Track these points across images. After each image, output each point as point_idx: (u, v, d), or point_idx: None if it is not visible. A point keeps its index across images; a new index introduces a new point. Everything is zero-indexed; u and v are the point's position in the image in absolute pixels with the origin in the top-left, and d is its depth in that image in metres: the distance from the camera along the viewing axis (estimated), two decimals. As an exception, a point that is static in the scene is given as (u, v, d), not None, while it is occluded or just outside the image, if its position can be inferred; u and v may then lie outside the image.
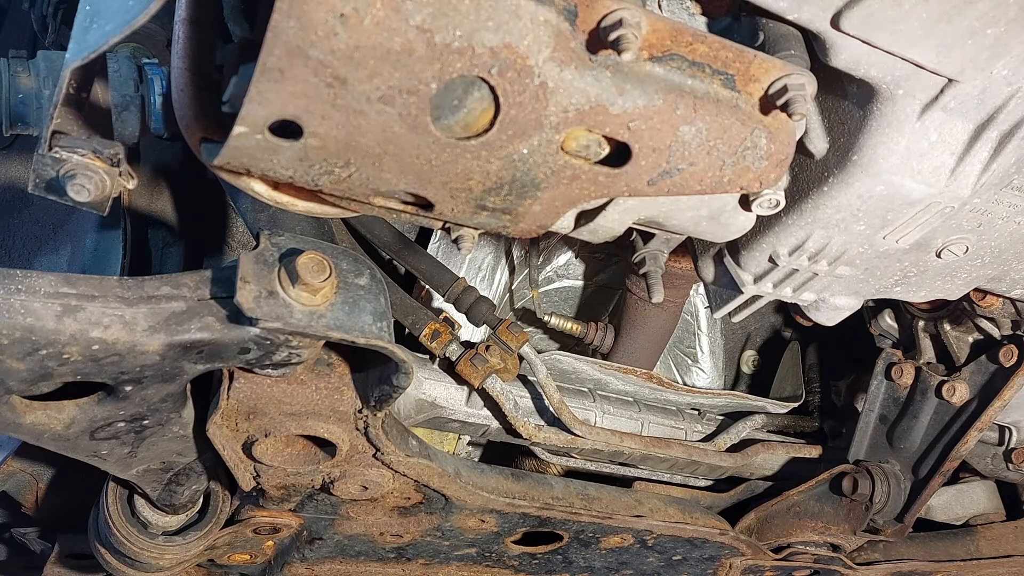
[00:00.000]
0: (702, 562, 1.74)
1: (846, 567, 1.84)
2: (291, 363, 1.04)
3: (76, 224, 1.77)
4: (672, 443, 1.65)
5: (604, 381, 1.69)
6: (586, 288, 2.09)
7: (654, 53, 0.82)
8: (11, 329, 0.86)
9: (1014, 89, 0.96)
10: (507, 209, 0.88)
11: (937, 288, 1.30)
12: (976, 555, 1.92)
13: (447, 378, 1.53)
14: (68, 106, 0.95)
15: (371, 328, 1.00)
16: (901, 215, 1.10)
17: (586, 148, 0.84)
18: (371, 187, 0.83)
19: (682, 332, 2.09)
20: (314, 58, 0.69)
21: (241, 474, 1.16)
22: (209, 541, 1.26)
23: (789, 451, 1.80)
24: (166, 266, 1.63)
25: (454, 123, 0.78)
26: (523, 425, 1.51)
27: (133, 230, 1.58)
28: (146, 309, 0.93)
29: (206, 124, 0.81)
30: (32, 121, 1.06)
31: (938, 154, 1.03)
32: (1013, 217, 1.16)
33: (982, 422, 1.58)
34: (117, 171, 0.96)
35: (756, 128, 0.88)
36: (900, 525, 1.74)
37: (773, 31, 0.92)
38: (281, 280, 0.95)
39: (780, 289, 1.26)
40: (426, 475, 1.30)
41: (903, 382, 1.70)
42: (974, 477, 2.00)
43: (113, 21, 0.79)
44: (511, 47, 0.74)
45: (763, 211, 1.06)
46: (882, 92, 0.97)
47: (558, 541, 1.57)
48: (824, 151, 1.08)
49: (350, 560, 1.47)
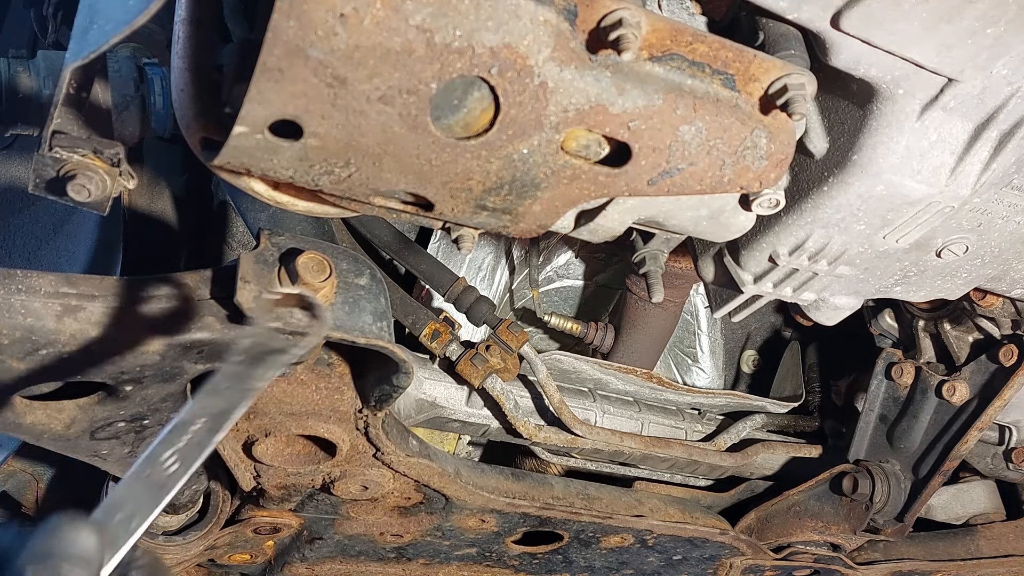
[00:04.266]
0: (702, 562, 1.74)
1: (846, 567, 1.84)
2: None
3: (76, 224, 1.77)
4: (672, 443, 1.65)
5: (604, 381, 1.69)
6: (586, 288, 2.09)
7: (654, 53, 0.82)
8: (11, 329, 0.86)
9: (1014, 89, 0.96)
10: (507, 209, 0.88)
11: (937, 288, 1.30)
12: (976, 555, 1.92)
13: (447, 378, 1.53)
14: (68, 106, 0.95)
15: (371, 328, 1.00)
16: (901, 215, 1.09)
17: (586, 148, 0.84)
18: (371, 187, 0.83)
19: (682, 332, 2.09)
20: (314, 58, 0.69)
21: (241, 474, 1.16)
22: (209, 541, 1.26)
23: (789, 451, 1.80)
24: (166, 266, 1.63)
25: (454, 123, 0.78)
26: (523, 425, 1.51)
27: (133, 230, 1.58)
28: (146, 309, 0.93)
29: (206, 124, 0.81)
30: (32, 121, 1.06)
31: (938, 154, 1.03)
32: (1013, 217, 1.16)
33: (982, 422, 1.58)
34: (117, 171, 0.96)
35: (756, 128, 0.88)
36: (900, 525, 1.74)
37: (773, 31, 0.92)
38: (281, 280, 0.96)
39: (780, 289, 1.26)
40: (426, 475, 1.30)
41: (903, 382, 1.70)
42: (974, 477, 2.00)
43: (113, 21, 0.79)
44: (511, 47, 0.74)
45: (763, 211, 1.06)
46: (882, 92, 0.97)
47: (558, 541, 1.57)
48: (824, 151, 1.08)
49: (350, 560, 1.47)
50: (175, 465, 0.73)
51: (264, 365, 0.80)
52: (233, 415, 0.76)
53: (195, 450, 0.74)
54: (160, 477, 0.72)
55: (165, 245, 1.65)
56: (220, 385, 0.77)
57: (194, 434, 0.74)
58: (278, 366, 0.80)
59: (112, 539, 0.68)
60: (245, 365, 0.79)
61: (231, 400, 0.76)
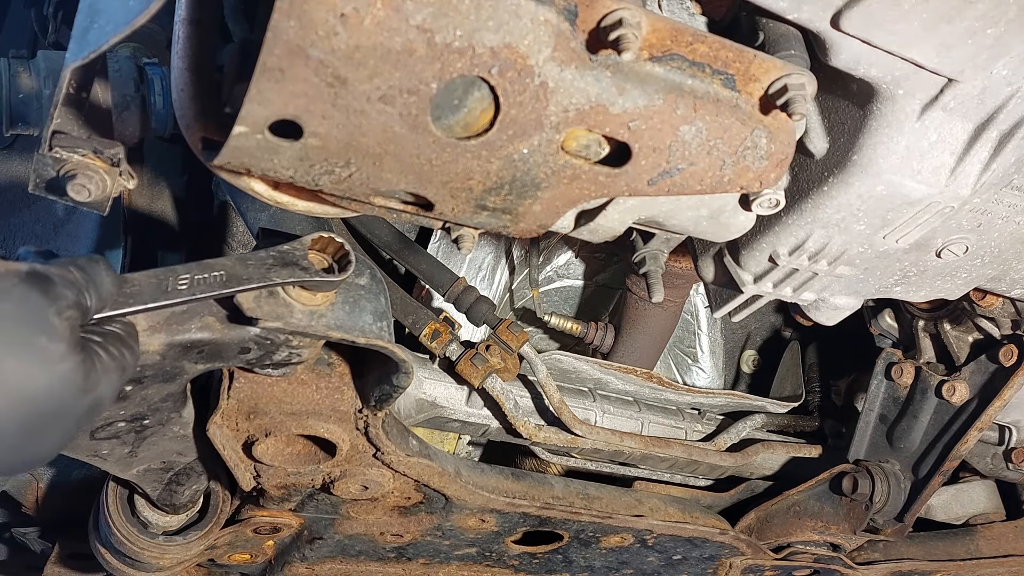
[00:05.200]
0: (702, 561, 1.74)
1: (846, 567, 1.84)
2: (291, 363, 1.04)
3: (76, 224, 1.77)
4: (672, 443, 1.65)
5: (604, 381, 1.69)
6: (586, 288, 2.09)
7: (654, 53, 0.82)
8: (11, 329, 0.86)
9: (1014, 89, 0.96)
10: (507, 209, 0.88)
11: (937, 288, 1.30)
12: (976, 555, 1.92)
13: (447, 378, 1.53)
14: (68, 106, 0.95)
15: (371, 328, 1.00)
16: (901, 215, 1.10)
17: (586, 148, 0.84)
18: (371, 187, 0.83)
19: (682, 332, 2.09)
20: (314, 58, 0.69)
21: (241, 474, 1.16)
22: (209, 541, 1.26)
23: (789, 451, 1.80)
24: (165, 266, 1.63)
25: (454, 123, 0.78)
26: (523, 425, 1.51)
27: (133, 230, 1.58)
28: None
29: (206, 124, 0.81)
30: (32, 121, 1.06)
31: (938, 154, 1.03)
32: (1013, 217, 1.16)
33: (982, 422, 1.58)
34: (117, 171, 0.96)
35: (756, 128, 0.89)
36: (900, 524, 1.74)
37: (773, 31, 0.92)
38: (281, 280, 0.95)
39: (780, 289, 1.26)
40: (426, 475, 1.30)
41: (903, 382, 1.70)
42: (974, 477, 2.00)
43: (113, 21, 0.79)
44: (511, 47, 0.74)
45: (763, 211, 1.06)
46: (882, 92, 0.97)
47: (558, 541, 1.57)
48: (824, 151, 1.08)
49: (350, 560, 1.47)
50: (184, 285, 0.87)
51: (286, 272, 0.92)
52: (247, 286, 0.89)
53: (205, 286, 0.87)
54: (169, 284, 0.86)
55: (165, 245, 1.65)
56: (249, 259, 0.90)
57: (211, 276, 0.87)
58: (296, 276, 0.92)
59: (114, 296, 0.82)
60: (273, 259, 0.92)
61: (251, 276, 0.89)
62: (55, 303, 0.73)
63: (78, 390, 0.74)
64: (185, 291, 0.87)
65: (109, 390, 0.79)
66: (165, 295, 0.86)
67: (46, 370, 0.71)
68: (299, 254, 0.94)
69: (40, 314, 0.71)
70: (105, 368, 0.78)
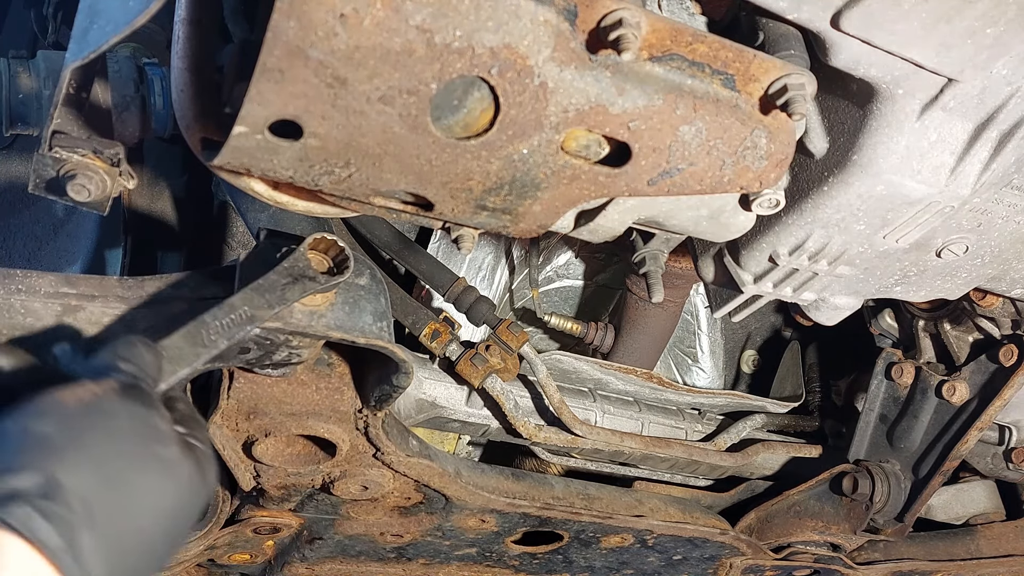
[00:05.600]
0: (702, 561, 1.74)
1: (846, 566, 1.84)
2: (291, 363, 1.04)
3: (76, 224, 1.77)
4: (672, 443, 1.65)
5: (604, 381, 1.69)
6: (586, 288, 2.09)
7: (654, 53, 0.82)
8: (11, 329, 0.86)
9: (1014, 88, 0.96)
10: (507, 209, 0.88)
11: (937, 288, 1.30)
12: (976, 554, 1.92)
13: (447, 378, 1.53)
14: (68, 106, 0.95)
15: (371, 328, 1.00)
16: (901, 215, 1.09)
17: (586, 148, 0.84)
18: (371, 187, 0.83)
19: (682, 332, 2.09)
20: (314, 58, 0.69)
21: (241, 474, 1.16)
22: (209, 541, 1.26)
23: (789, 451, 1.80)
24: (166, 266, 1.63)
25: (454, 123, 0.78)
26: (523, 425, 1.51)
27: (133, 230, 1.58)
28: (146, 309, 0.93)
29: (206, 124, 0.81)
30: (32, 121, 1.06)
31: (938, 154, 1.03)
32: (1013, 217, 1.16)
33: (982, 422, 1.58)
34: (117, 171, 0.96)
35: (756, 128, 0.88)
36: (900, 524, 1.74)
37: (773, 31, 0.92)
38: (281, 280, 0.95)
39: (780, 289, 1.26)
40: (426, 475, 1.30)
41: (903, 382, 1.70)
42: (974, 476, 2.00)
43: (113, 21, 0.79)
44: (511, 47, 0.74)
45: (763, 211, 1.06)
46: (882, 92, 0.97)
47: (558, 541, 1.57)
48: (824, 151, 1.08)
49: (350, 560, 1.47)
50: (216, 334, 0.89)
51: (298, 288, 0.94)
52: (269, 314, 0.92)
53: (235, 327, 0.90)
54: (204, 338, 0.88)
55: (165, 245, 1.65)
56: (262, 287, 0.93)
57: (237, 316, 0.90)
58: (308, 290, 0.95)
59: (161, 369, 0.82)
60: (283, 279, 0.94)
61: (270, 302, 0.92)
62: (155, 408, 0.72)
63: (200, 487, 0.74)
64: (219, 338, 0.89)
65: (215, 476, 0.78)
66: (205, 348, 0.88)
67: (174, 479, 0.70)
68: (303, 265, 0.96)
69: (149, 422, 0.71)
70: (207, 457, 0.78)
